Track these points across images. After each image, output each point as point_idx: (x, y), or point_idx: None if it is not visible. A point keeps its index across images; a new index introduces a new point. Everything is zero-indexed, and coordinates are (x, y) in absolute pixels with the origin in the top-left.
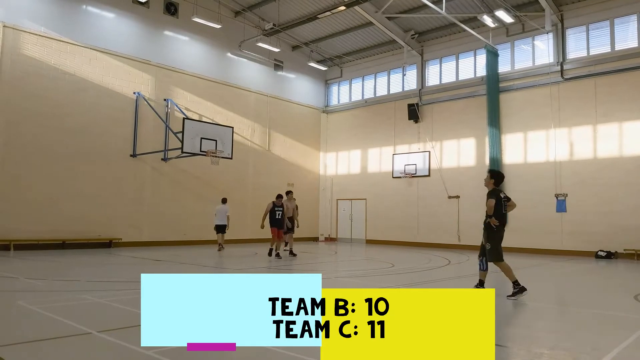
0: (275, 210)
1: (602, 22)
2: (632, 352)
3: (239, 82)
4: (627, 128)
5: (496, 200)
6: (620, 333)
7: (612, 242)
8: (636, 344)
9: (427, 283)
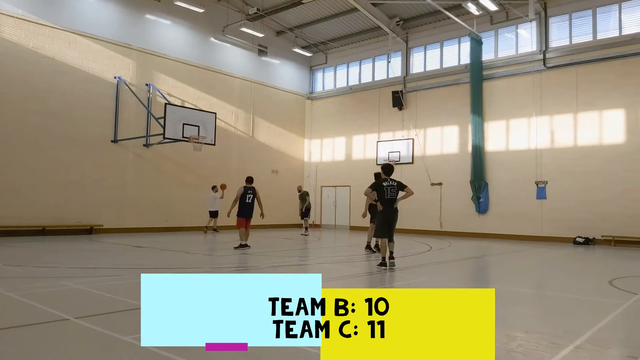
0: (247, 194)
1: (585, 11)
2: (603, 335)
3: (222, 67)
4: (607, 117)
5: (379, 189)
6: (594, 317)
7: (590, 229)
8: (608, 328)
9: (408, 269)
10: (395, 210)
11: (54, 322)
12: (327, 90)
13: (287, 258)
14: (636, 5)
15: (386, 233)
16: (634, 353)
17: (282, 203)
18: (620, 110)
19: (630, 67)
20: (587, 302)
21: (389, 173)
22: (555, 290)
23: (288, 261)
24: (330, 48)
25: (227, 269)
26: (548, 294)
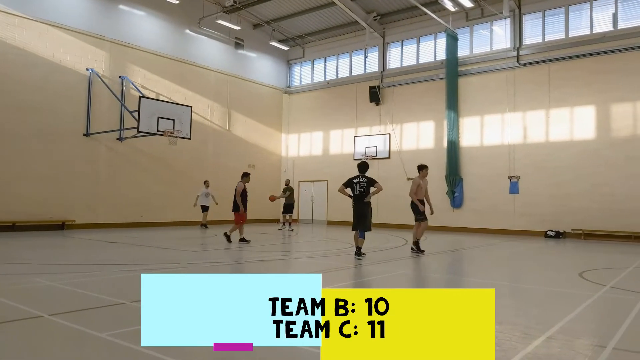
0: (246, 192)
1: (558, 9)
2: (574, 325)
3: (198, 60)
4: (578, 113)
5: (349, 185)
6: (565, 308)
7: (561, 222)
8: (578, 318)
9: (385, 262)
10: (363, 205)
11: (27, 319)
12: (304, 84)
13: (264, 253)
14: (607, 4)
15: (355, 226)
16: (603, 342)
17: (259, 198)
18: (590, 107)
19: (601, 65)
20: (559, 294)
21: (361, 170)
22: (527, 282)
23: (265, 256)
24: (307, 42)
25: (204, 264)
26: (521, 286)
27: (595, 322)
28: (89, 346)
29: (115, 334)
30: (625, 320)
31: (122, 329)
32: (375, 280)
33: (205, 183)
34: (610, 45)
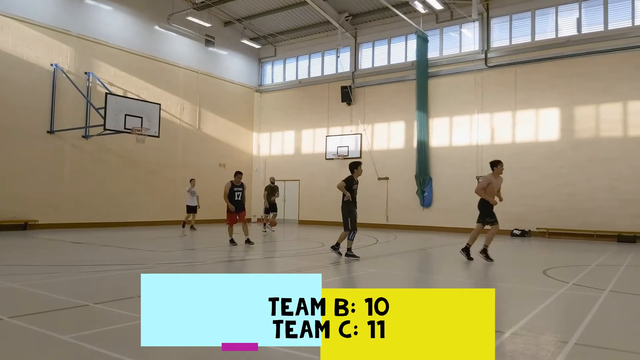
0: (235, 191)
1: (524, 12)
2: (537, 322)
3: (167, 56)
4: (543, 115)
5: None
6: (529, 305)
7: (526, 221)
8: (541, 315)
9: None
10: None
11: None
12: (276, 83)
13: (234, 253)
14: (571, 10)
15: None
16: (565, 338)
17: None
18: (555, 110)
19: (565, 69)
20: (523, 291)
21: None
22: (494, 280)
23: (234, 256)
24: (279, 41)
25: (170, 264)
26: (487, 283)
27: (558, 318)
28: (51, 349)
29: (79, 336)
30: (586, 316)
31: (86, 331)
32: (345, 279)
33: (191, 182)
34: (574, 49)
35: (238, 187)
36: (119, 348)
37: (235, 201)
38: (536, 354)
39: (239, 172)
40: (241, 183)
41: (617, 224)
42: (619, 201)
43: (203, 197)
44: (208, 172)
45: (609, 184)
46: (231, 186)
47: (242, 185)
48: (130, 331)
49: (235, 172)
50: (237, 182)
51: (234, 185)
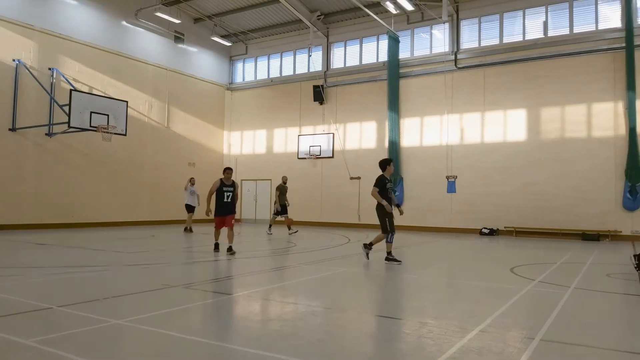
0: (224, 191)
1: (493, 15)
2: (504, 319)
3: (135, 53)
4: (510, 116)
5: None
6: (497, 302)
7: (495, 220)
8: (508, 312)
9: (328, 261)
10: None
11: None
12: (247, 81)
13: (200, 254)
14: (538, 13)
15: (394, 230)
16: (531, 334)
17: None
18: (522, 110)
19: (532, 71)
20: (491, 289)
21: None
22: (463, 278)
23: (200, 257)
24: (250, 38)
25: (136, 266)
26: (456, 281)
27: (524, 315)
28: (14, 354)
29: (43, 340)
30: (552, 312)
31: (50, 335)
32: (314, 279)
33: (190, 180)
34: (541, 52)
35: (228, 186)
36: (84, 352)
37: (225, 203)
38: (503, 350)
39: (228, 169)
40: (232, 182)
41: (581, 223)
42: (583, 200)
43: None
44: (177, 172)
45: (574, 184)
46: (220, 185)
47: (234, 184)
48: (96, 334)
49: (224, 168)
50: (227, 180)
51: (224, 184)
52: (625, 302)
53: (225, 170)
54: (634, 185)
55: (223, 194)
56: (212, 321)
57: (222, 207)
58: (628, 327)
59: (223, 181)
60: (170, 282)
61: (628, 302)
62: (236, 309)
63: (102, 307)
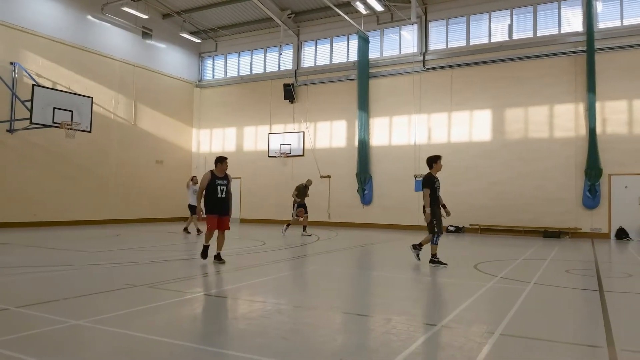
0: (217, 185)
1: (460, 17)
2: (467, 314)
3: (101, 48)
4: (476, 116)
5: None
6: (460, 298)
7: (460, 218)
8: (470, 307)
9: (298, 258)
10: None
11: None
12: (217, 78)
13: (169, 253)
14: (504, 16)
15: (441, 230)
16: (492, 329)
17: (167, 195)
18: (487, 111)
19: (497, 72)
20: (456, 285)
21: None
22: (428, 275)
23: (169, 256)
24: (220, 35)
25: (101, 265)
26: (422, 278)
27: (486, 310)
28: None
29: None
30: (512, 307)
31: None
32: (281, 278)
33: (192, 179)
34: (506, 54)
35: (221, 179)
36: (43, 354)
37: (219, 199)
38: (464, 345)
39: (222, 158)
40: (226, 174)
41: (543, 221)
42: (545, 199)
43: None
44: (144, 169)
45: (537, 183)
46: (211, 178)
47: (227, 178)
48: (55, 336)
49: (216, 158)
50: (220, 172)
51: (216, 177)
52: (583, 297)
53: (219, 162)
54: (593, 184)
55: (216, 188)
56: (176, 321)
57: (216, 204)
58: (586, 321)
59: (215, 173)
60: (134, 282)
61: (586, 297)
62: (201, 308)
63: (62, 308)
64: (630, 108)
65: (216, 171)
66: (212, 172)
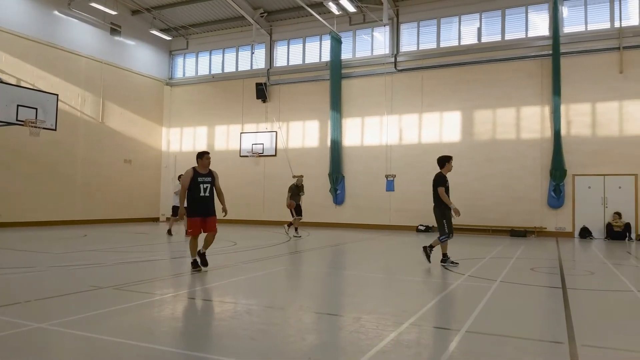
0: (200, 182)
1: (431, 20)
2: (434, 312)
3: (67, 44)
4: (446, 118)
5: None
6: (428, 296)
7: (431, 218)
8: (438, 305)
9: (269, 259)
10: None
11: None
12: (188, 77)
13: (136, 254)
14: (473, 20)
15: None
16: (458, 326)
17: (136, 195)
18: (457, 113)
19: (466, 75)
20: (423, 283)
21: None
22: (398, 273)
23: (137, 257)
24: (191, 33)
25: (65, 267)
26: (392, 277)
27: (453, 308)
28: None
29: None
30: (478, 305)
31: None
32: (252, 278)
33: (179, 178)
34: (475, 57)
35: (204, 176)
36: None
37: (202, 198)
38: (430, 342)
39: (202, 153)
40: (210, 171)
41: (509, 220)
42: (512, 199)
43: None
44: (112, 169)
45: (504, 183)
46: (193, 175)
47: (212, 175)
48: (16, 339)
49: (198, 153)
50: (202, 168)
51: (198, 174)
52: (547, 294)
53: (201, 156)
54: (558, 184)
55: (199, 186)
56: (143, 323)
57: (199, 204)
58: (550, 318)
59: (197, 170)
60: (99, 284)
61: (550, 294)
62: (169, 309)
63: (24, 311)
64: (593, 111)
65: (198, 168)
66: (194, 169)
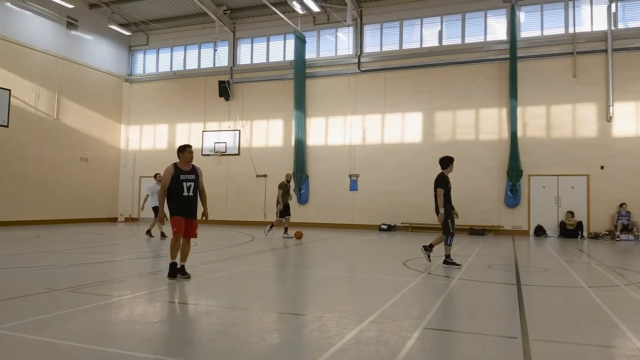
0: (183, 180)
1: (394, 22)
2: (394, 309)
3: (21, 38)
4: (408, 118)
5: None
6: (388, 294)
7: (392, 217)
8: (398, 303)
9: (230, 259)
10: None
11: None
12: (148, 73)
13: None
14: (434, 22)
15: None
16: (417, 323)
17: (93, 195)
18: (418, 114)
19: (427, 76)
20: (385, 282)
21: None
22: (359, 272)
23: (93, 258)
24: (152, 29)
25: (17, 269)
26: (353, 276)
27: (412, 305)
28: None
29: None
30: (436, 302)
31: None
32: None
33: (155, 177)
34: (436, 59)
35: (187, 173)
36: None
37: (185, 198)
38: (389, 339)
39: (184, 147)
40: (193, 167)
41: (468, 219)
42: (471, 198)
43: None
44: (68, 167)
45: (463, 183)
46: (174, 172)
47: (196, 172)
48: None
49: (179, 147)
50: (185, 164)
51: (180, 171)
52: (503, 291)
53: (182, 150)
54: (514, 184)
55: (181, 184)
56: (99, 326)
57: (182, 203)
58: (505, 314)
59: (179, 167)
60: (54, 286)
61: (506, 290)
62: (125, 312)
63: None
64: (548, 113)
65: (180, 164)
66: (175, 165)
